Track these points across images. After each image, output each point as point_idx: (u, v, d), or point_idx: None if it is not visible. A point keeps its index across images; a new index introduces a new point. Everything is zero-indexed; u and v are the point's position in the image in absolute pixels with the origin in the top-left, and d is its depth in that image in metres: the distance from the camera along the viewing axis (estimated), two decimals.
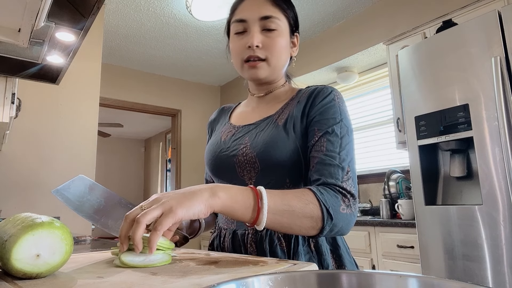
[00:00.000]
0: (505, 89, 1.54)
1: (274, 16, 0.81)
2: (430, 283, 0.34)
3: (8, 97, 1.40)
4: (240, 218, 0.61)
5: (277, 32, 0.81)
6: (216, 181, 0.88)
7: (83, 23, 0.95)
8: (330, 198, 0.66)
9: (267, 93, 0.89)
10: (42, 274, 0.48)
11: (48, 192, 2.38)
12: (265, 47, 0.80)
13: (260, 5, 0.81)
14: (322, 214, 0.64)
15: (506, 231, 1.49)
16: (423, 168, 1.83)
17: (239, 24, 0.82)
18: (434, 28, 2.16)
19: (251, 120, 0.87)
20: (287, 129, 0.78)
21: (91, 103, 2.66)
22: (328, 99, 0.78)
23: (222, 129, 0.92)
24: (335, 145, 0.72)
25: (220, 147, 0.86)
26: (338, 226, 0.66)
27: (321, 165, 0.71)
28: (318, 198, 0.65)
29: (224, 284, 0.34)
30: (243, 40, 0.81)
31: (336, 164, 0.70)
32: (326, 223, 0.65)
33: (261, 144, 0.77)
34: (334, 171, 0.70)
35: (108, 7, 2.92)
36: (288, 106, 0.84)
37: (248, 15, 0.81)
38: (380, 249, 2.25)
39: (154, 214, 0.52)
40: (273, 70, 0.83)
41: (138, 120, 6.38)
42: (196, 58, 3.95)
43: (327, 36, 3.37)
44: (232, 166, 0.81)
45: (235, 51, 0.84)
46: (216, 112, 1.04)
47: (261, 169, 0.77)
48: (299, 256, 0.73)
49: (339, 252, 0.78)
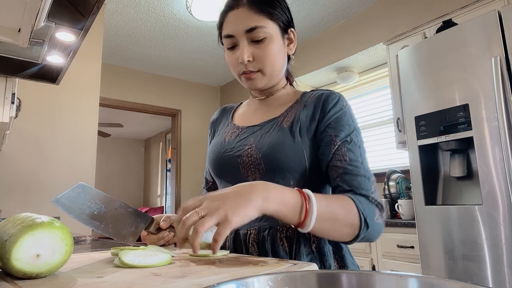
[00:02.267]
0: (505, 89, 1.54)
1: (259, 25, 0.78)
2: (430, 283, 0.34)
3: (8, 97, 1.40)
4: (288, 221, 0.63)
5: (266, 40, 0.79)
6: (219, 182, 0.88)
7: (83, 23, 0.95)
8: (367, 208, 0.69)
9: (269, 96, 0.89)
10: (42, 274, 0.48)
11: (48, 192, 2.38)
12: (256, 59, 0.79)
13: (243, 17, 0.79)
14: (360, 223, 0.67)
15: (506, 231, 1.49)
16: (423, 168, 1.83)
17: (228, 40, 0.81)
18: (434, 28, 2.16)
19: (255, 121, 0.87)
20: (293, 132, 0.78)
21: (91, 103, 2.66)
22: (339, 106, 0.79)
23: (225, 129, 0.92)
24: (356, 155, 0.74)
25: (224, 147, 0.85)
26: (370, 235, 0.70)
27: (348, 176, 0.73)
28: (358, 207, 0.67)
29: (224, 284, 0.34)
30: (235, 55, 0.81)
31: (362, 174, 0.73)
32: (362, 232, 0.67)
33: (267, 145, 0.78)
34: (362, 181, 0.72)
35: (108, 7, 2.92)
36: (293, 109, 0.84)
37: (234, 29, 0.80)
38: (380, 249, 2.25)
39: (210, 223, 0.54)
40: (269, 78, 0.83)
41: (138, 120, 6.38)
42: (196, 58, 3.95)
43: (327, 36, 3.37)
44: (236, 166, 0.81)
45: (230, 65, 0.84)
46: (218, 112, 1.03)
47: (265, 170, 0.77)
48: (301, 257, 0.73)
49: (341, 253, 0.78)
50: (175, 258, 0.65)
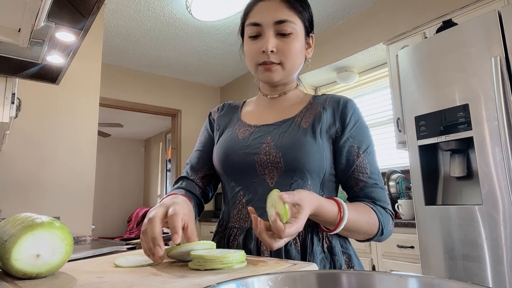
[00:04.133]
0: (505, 89, 1.54)
1: (289, 20, 0.80)
2: (430, 283, 0.34)
3: (8, 97, 1.40)
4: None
5: (292, 36, 0.80)
6: (227, 180, 0.86)
7: (83, 23, 0.95)
8: (385, 218, 0.77)
9: (281, 95, 0.89)
10: (42, 274, 0.48)
11: (48, 192, 2.38)
12: (279, 52, 0.80)
13: (275, 9, 0.80)
14: (377, 232, 0.76)
15: (506, 231, 1.49)
16: (423, 168, 1.83)
17: (253, 28, 0.81)
18: (434, 28, 2.16)
19: (268, 120, 0.87)
20: (315, 133, 0.79)
21: (91, 103, 2.66)
22: (357, 115, 0.83)
23: (235, 126, 0.90)
24: (375, 167, 0.81)
25: (238, 144, 0.84)
26: (380, 239, 0.79)
27: (369, 189, 0.79)
28: (379, 220, 0.76)
29: (224, 284, 0.34)
30: (257, 44, 0.81)
31: (380, 187, 0.80)
32: (376, 237, 0.77)
33: (288, 144, 0.78)
34: (381, 194, 0.79)
35: (108, 7, 2.92)
36: (310, 110, 0.84)
37: (262, 19, 0.80)
38: (380, 249, 2.25)
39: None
40: (287, 73, 0.83)
41: (138, 120, 6.37)
42: (196, 58, 3.95)
43: (327, 36, 3.37)
44: (253, 164, 0.80)
45: (249, 54, 0.84)
46: (222, 107, 1.00)
47: (285, 169, 0.77)
48: (314, 256, 0.74)
49: (349, 253, 0.79)
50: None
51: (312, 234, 0.76)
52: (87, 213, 2.50)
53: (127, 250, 0.80)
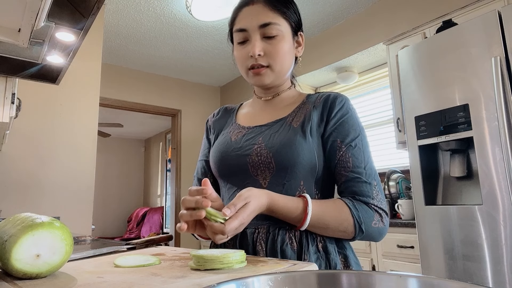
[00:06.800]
0: (505, 89, 1.54)
1: (274, 22, 0.80)
2: (430, 283, 0.34)
3: (8, 97, 1.40)
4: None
5: (278, 37, 0.81)
6: (223, 183, 0.87)
7: (83, 23, 0.95)
8: (364, 214, 0.73)
9: (274, 96, 0.89)
10: (42, 274, 0.48)
11: (48, 192, 2.38)
12: (267, 55, 0.81)
13: (259, 13, 0.81)
14: (355, 229, 0.73)
15: (506, 231, 1.49)
16: (423, 168, 1.83)
17: (240, 34, 0.83)
18: (434, 28, 2.16)
19: (261, 121, 0.87)
20: (304, 131, 0.79)
21: (91, 103, 2.66)
22: (345, 109, 0.81)
23: (229, 129, 0.91)
24: (360, 160, 0.77)
25: (231, 147, 0.85)
26: (370, 237, 0.75)
27: (350, 183, 0.77)
28: (353, 215, 0.72)
29: (224, 284, 0.34)
30: (245, 49, 0.82)
31: (364, 181, 0.76)
32: (357, 236, 0.74)
33: (278, 144, 0.78)
34: (364, 188, 0.76)
35: (108, 7, 2.92)
36: (302, 109, 0.84)
37: (247, 24, 0.81)
38: (380, 249, 2.25)
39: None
40: (277, 75, 0.84)
41: (138, 120, 6.37)
42: (196, 58, 3.95)
43: (327, 36, 3.37)
44: (245, 165, 0.81)
45: (239, 60, 0.85)
46: (218, 111, 1.02)
47: (276, 170, 0.78)
48: (309, 256, 0.74)
49: (345, 253, 0.79)
50: (174, 258, 0.65)
51: (307, 233, 0.76)
52: (87, 213, 2.50)
53: (127, 250, 0.80)
